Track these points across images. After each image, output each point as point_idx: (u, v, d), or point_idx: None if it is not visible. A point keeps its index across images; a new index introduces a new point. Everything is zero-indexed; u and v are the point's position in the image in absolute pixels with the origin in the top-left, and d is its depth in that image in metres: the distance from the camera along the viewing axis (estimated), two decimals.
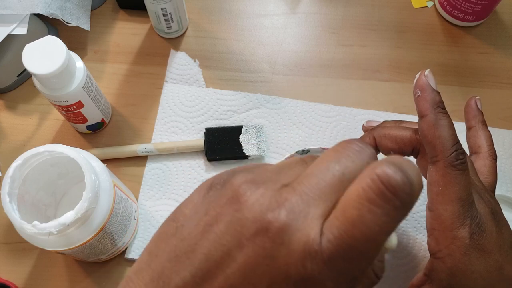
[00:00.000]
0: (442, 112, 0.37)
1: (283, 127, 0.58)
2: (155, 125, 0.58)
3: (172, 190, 0.54)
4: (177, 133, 0.57)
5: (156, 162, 0.56)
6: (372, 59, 0.62)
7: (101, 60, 0.61)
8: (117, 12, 0.65)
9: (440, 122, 0.37)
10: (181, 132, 0.57)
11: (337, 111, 0.59)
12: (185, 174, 0.55)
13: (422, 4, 0.66)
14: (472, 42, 0.64)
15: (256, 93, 0.59)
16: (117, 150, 0.55)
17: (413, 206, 0.21)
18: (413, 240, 0.52)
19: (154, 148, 0.55)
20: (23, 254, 0.52)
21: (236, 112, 0.59)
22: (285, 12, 0.65)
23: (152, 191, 0.54)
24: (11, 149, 0.57)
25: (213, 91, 0.60)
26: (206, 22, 0.64)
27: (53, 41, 0.47)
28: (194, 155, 0.56)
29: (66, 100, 0.49)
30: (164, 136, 0.57)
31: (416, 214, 0.53)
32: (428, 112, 0.37)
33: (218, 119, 0.58)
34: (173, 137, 0.57)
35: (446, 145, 0.36)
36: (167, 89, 0.60)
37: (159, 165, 0.56)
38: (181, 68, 0.61)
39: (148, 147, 0.55)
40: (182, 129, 0.58)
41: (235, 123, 0.58)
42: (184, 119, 0.58)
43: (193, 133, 0.57)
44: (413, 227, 0.53)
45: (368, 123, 0.49)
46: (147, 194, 0.54)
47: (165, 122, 0.58)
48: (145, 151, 0.55)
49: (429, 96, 0.37)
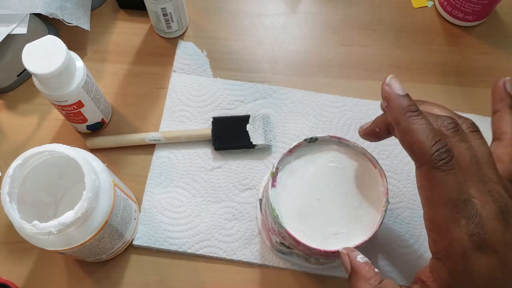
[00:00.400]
0: (413, 115, 0.36)
1: (289, 117, 0.58)
2: (163, 114, 0.58)
3: (179, 178, 0.55)
4: (184, 122, 0.58)
5: (163, 151, 0.56)
6: (372, 59, 0.62)
7: (101, 60, 0.62)
8: (117, 12, 0.65)
9: (412, 126, 0.36)
10: (189, 121, 0.58)
11: (343, 102, 0.59)
12: (192, 163, 0.56)
13: (422, 4, 0.66)
14: (472, 42, 0.64)
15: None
16: (126, 138, 0.56)
17: None
18: (420, 228, 0.53)
19: (162, 136, 0.55)
20: (23, 254, 0.52)
21: (243, 102, 0.59)
22: (285, 12, 0.65)
23: (160, 178, 0.55)
24: (11, 149, 0.57)
25: (220, 81, 0.60)
26: (206, 22, 0.65)
27: (53, 41, 0.47)
28: (201, 144, 0.56)
29: (66, 100, 0.49)
30: (172, 125, 0.58)
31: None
32: (398, 120, 0.36)
33: (225, 108, 0.59)
34: (181, 126, 0.58)
35: (424, 148, 0.35)
36: (174, 78, 0.60)
37: (166, 153, 0.56)
38: (189, 58, 0.61)
39: (156, 135, 0.56)
40: (190, 118, 0.58)
41: (242, 112, 0.58)
42: (191, 109, 0.58)
43: (200, 122, 0.58)
44: (419, 216, 0.53)
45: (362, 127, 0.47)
46: (154, 181, 0.55)
47: (172, 111, 0.58)
48: (153, 139, 0.55)
49: (395, 104, 0.37)
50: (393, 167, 0.56)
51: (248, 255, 0.51)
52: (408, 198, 0.54)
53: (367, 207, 0.46)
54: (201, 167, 0.56)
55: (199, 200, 0.54)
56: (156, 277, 0.51)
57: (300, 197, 0.46)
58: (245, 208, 0.54)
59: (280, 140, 0.57)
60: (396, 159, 0.56)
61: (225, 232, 0.53)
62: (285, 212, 0.45)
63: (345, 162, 0.47)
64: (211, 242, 0.52)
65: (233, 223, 0.53)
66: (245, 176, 0.55)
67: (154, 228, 0.52)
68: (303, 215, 0.45)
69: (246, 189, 0.54)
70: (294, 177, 0.47)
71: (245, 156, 0.56)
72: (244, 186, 0.55)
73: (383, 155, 0.56)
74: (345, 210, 0.45)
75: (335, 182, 0.47)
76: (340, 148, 0.48)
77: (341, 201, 0.46)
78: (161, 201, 0.54)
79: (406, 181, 0.55)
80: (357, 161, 0.47)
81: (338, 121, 0.58)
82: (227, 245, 0.52)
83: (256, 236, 0.52)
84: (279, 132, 0.57)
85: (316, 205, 0.46)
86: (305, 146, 0.48)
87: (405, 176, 0.55)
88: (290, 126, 0.58)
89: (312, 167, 0.47)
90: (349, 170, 0.47)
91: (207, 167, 0.56)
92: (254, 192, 0.54)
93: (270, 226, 0.47)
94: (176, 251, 0.52)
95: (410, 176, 0.55)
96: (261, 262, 0.51)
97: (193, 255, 0.52)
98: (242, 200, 0.54)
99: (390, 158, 0.56)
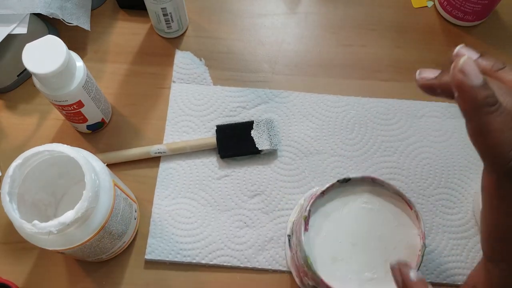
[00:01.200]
0: (490, 111, 0.29)
1: (293, 120, 0.58)
2: (166, 125, 0.58)
3: (187, 188, 0.55)
4: (188, 132, 0.58)
5: (169, 162, 0.56)
6: (372, 59, 0.62)
7: (101, 60, 0.62)
8: (117, 12, 0.65)
9: (488, 127, 0.29)
10: (192, 131, 0.58)
11: (345, 101, 0.59)
12: (199, 173, 0.55)
13: (422, 4, 0.66)
14: (472, 42, 0.64)
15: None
16: (130, 152, 0.55)
17: None
18: (430, 224, 0.52)
19: (167, 148, 0.55)
20: (23, 254, 0.52)
21: (245, 108, 0.59)
22: (285, 12, 0.65)
23: (167, 190, 0.54)
24: (11, 149, 0.56)
25: (221, 88, 0.60)
26: (206, 22, 0.65)
27: (53, 41, 0.47)
28: (207, 153, 0.56)
29: (66, 100, 0.49)
30: (176, 136, 0.57)
31: None
32: (471, 116, 0.30)
33: (228, 116, 0.58)
34: (185, 136, 0.57)
35: (500, 156, 0.29)
36: (175, 89, 0.60)
37: (172, 165, 0.56)
38: (187, 68, 0.61)
39: (161, 147, 0.55)
40: (193, 128, 0.58)
41: (245, 118, 0.58)
42: (194, 118, 0.58)
43: (204, 131, 0.58)
44: (429, 210, 0.52)
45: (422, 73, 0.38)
46: (162, 194, 0.54)
47: (175, 122, 0.58)
48: (158, 152, 0.55)
49: (468, 97, 0.29)
50: (400, 163, 0.56)
51: (262, 262, 0.51)
52: (417, 193, 0.54)
53: (403, 251, 0.44)
54: (208, 176, 0.55)
55: (208, 210, 0.54)
56: (156, 277, 0.51)
57: (334, 241, 0.45)
58: (256, 215, 0.53)
59: (285, 143, 0.57)
60: (403, 155, 0.56)
61: (237, 240, 0.52)
62: (318, 257, 0.44)
63: (379, 204, 0.46)
64: (225, 251, 0.52)
65: (244, 230, 0.53)
66: (253, 182, 0.55)
67: (166, 241, 0.52)
68: (337, 260, 0.44)
69: (255, 195, 0.54)
70: (328, 220, 0.45)
71: (252, 162, 0.56)
72: (252, 192, 0.54)
73: (389, 152, 0.56)
74: (380, 254, 0.44)
75: (369, 225, 0.45)
76: (374, 189, 0.46)
77: (376, 245, 0.44)
78: (171, 213, 0.53)
79: (414, 177, 0.55)
80: (392, 203, 0.46)
81: (342, 121, 0.58)
82: (241, 253, 0.51)
83: (269, 242, 0.52)
84: (284, 135, 0.57)
85: (351, 250, 0.44)
86: (337, 187, 0.46)
87: (412, 172, 0.55)
88: (294, 129, 0.58)
89: (346, 209, 0.46)
90: (383, 212, 0.46)
91: (214, 176, 0.55)
92: (264, 198, 0.54)
93: (302, 269, 0.45)
94: (190, 262, 0.51)
95: (417, 172, 0.55)
96: (276, 268, 0.51)
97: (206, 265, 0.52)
98: (251, 206, 0.54)
99: (396, 154, 0.56)
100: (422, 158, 0.56)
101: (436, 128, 0.57)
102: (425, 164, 0.56)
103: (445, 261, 0.51)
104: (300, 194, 0.54)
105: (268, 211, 0.53)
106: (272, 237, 0.52)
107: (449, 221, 0.53)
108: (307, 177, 0.55)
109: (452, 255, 0.51)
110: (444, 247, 0.52)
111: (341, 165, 0.56)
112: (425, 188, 0.54)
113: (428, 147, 0.56)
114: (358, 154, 0.56)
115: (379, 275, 0.43)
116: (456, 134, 0.57)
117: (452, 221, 0.53)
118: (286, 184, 0.55)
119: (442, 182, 0.55)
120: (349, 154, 0.56)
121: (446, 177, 0.55)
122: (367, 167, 0.56)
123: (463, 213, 0.53)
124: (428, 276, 0.51)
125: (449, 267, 0.51)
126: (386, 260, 0.43)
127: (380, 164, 0.56)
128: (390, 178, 0.55)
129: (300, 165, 0.56)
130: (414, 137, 0.57)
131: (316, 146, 0.56)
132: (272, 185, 0.54)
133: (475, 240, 0.52)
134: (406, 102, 0.59)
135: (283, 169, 0.55)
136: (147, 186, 0.55)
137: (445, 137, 0.57)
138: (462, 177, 0.55)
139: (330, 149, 0.56)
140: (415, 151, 0.56)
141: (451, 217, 0.53)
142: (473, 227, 0.53)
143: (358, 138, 0.57)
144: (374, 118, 0.58)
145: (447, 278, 0.50)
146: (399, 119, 0.58)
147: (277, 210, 0.53)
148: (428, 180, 0.55)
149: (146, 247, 0.52)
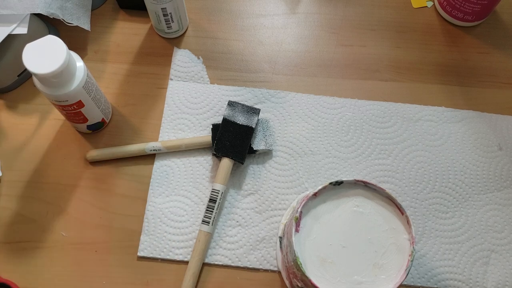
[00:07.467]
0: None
1: (289, 121, 0.58)
2: (162, 123, 0.58)
3: (181, 186, 0.55)
4: (184, 130, 0.58)
5: (164, 160, 0.56)
6: (372, 59, 0.62)
7: (101, 60, 0.62)
8: (117, 12, 0.65)
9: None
10: (188, 129, 0.58)
11: (341, 103, 0.59)
12: (193, 171, 0.56)
13: (421, 4, 0.66)
14: (472, 42, 0.63)
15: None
16: (126, 149, 0.56)
17: None
18: (423, 227, 0.53)
19: (162, 146, 0.56)
20: (24, 253, 0.52)
21: None
22: (285, 12, 0.65)
23: (162, 188, 0.55)
24: (11, 149, 0.57)
25: (218, 87, 0.60)
26: (206, 22, 0.65)
27: (54, 41, 0.47)
28: (202, 152, 0.57)
29: (67, 100, 0.50)
30: (171, 133, 0.58)
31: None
32: None
33: None
34: (180, 134, 0.58)
35: None
36: (172, 86, 0.60)
37: (167, 162, 0.56)
38: (185, 66, 0.61)
39: (156, 145, 0.56)
40: (189, 126, 0.58)
41: None
42: (190, 116, 0.59)
43: (200, 129, 0.58)
44: (421, 214, 0.53)
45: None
46: (156, 191, 0.55)
47: (171, 119, 0.59)
48: (153, 149, 0.56)
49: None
50: (394, 166, 0.56)
51: (253, 261, 0.52)
52: (411, 197, 0.54)
53: (393, 255, 0.44)
54: (203, 174, 0.56)
55: (202, 208, 0.54)
56: (156, 277, 0.52)
57: (324, 243, 0.45)
58: (248, 214, 0.54)
59: (280, 144, 0.57)
60: (397, 158, 0.56)
61: (229, 239, 0.53)
62: (308, 259, 0.44)
63: (371, 207, 0.46)
64: (216, 250, 0.52)
65: (237, 229, 0.53)
66: (246, 182, 0.55)
67: (158, 239, 0.53)
68: (327, 262, 0.44)
69: (248, 194, 0.55)
70: (319, 222, 0.45)
71: (246, 161, 0.56)
72: (246, 191, 0.55)
73: (384, 154, 0.57)
74: (370, 257, 0.44)
75: (360, 228, 0.45)
76: (366, 193, 0.46)
77: (366, 248, 0.44)
78: (164, 211, 0.54)
79: (408, 180, 0.55)
80: (384, 207, 0.46)
81: (338, 122, 0.58)
82: (232, 252, 0.52)
83: (261, 242, 0.53)
84: (279, 136, 0.58)
85: (341, 252, 0.44)
86: (330, 190, 0.46)
87: (406, 175, 0.55)
88: (290, 130, 0.58)
89: (337, 212, 0.46)
90: (375, 216, 0.46)
91: (209, 174, 0.56)
92: (257, 197, 0.55)
93: (292, 270, 0.46)
94: (181, 260, 0.52)
95: (411, 176, 0.55)
96: (267, 267, 0.52)
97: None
98: (244, 206, 0.54)
99: (391, 157, 0.56)
100: (416, 162, 0.56)
101: (432, 132, 0.58)
102: (420, 168, 0.56)
103: (437, 265, 0.51)
104: (294, 194, 0.55)
105: (261, 210, 0.54)
106: (264, 237, 0.53)
107: (442, 226, 0.53)
108: (301, 178, 0.55)
109: (444, 259, 0.52)
110: (436, 251, 0.52)
111: (336, 167, 0.56)
112: (418, 192, 0.55)
113: (423, 151, 0.57)
114: (353, 156, 0.56)
115: (368, 279, 0.43)
116: (451, 138, 0.57)
117: (445, 226, 0.53)
118: (280, 184, 0.55)
119: (436, 186, 0.55)
120: (343, 156, 0.56)
121: (440, 181, 0.55)
122: (361, 169, 0.56)
123: (457, 218, 0.53)
124: (419, 280, 0.51)
125: (441, 271, 0.51)
126: (375, 264, 0.44)
127: (374, 167, 0.56)
128: (384, 181, 0.55)
129: (294, 165, 0.56)
130: (409, 141, 0.57)
131: (311, 147, 0.57)
132: (266, 185, 0.55)
133: (467, 245, 0.52)
134: (402, 105, 0.59)
135: (277, 169, 0.56)
136: (141, 184, 0.56)
137: (440, 142, 0.57)
138: (456, 181, 0.55)
139: (325, 151, 0.57)
140: (410, 154, 0.57)
141: (444, 221, 0.53)
142: (466, 232, 0.53)
143: (353, 140, 0.57)
144: (370, 121, 0.58)
145: (438, 282, 0.51)
146: (395, 122, 0.58)
147: (270, 210, 0.54)
148: (422, 184, 0.55)
149: (139, 244, 0.52)
